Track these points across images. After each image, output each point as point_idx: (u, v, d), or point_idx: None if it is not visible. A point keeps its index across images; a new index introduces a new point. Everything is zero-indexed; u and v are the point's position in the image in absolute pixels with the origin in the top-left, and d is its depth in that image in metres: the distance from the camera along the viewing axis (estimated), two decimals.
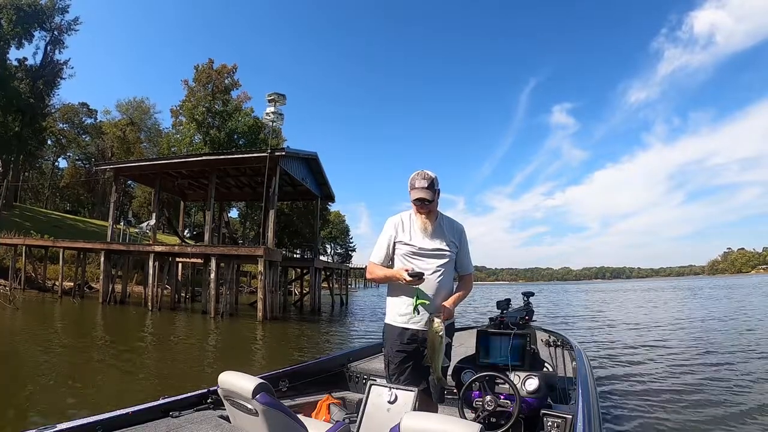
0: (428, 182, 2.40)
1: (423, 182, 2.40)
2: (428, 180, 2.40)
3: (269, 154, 16.98)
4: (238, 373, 1.95)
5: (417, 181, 2.41)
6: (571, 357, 3.97)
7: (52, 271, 23.45)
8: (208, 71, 34.80)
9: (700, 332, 12.49)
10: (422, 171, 2.44)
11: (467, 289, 2.64)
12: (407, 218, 2.56)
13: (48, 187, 56.80)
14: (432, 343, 2.31)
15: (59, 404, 5.23)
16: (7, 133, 32.12)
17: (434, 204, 2.48)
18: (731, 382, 6.59)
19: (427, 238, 2.49)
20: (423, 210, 2.46)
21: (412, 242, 2.50)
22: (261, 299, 15.44)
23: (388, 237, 2.55)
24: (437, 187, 2.46)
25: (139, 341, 10.88)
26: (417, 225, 2.51)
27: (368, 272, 2.61)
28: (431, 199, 2.43)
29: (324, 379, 3.56)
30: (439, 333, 2.28)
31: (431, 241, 2.50)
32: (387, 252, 2.55)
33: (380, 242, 2.57)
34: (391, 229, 2.55)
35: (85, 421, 1.99)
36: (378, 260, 2.56)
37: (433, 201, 2.45)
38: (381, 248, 2.56)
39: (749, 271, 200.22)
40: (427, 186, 2.39)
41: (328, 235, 67.66)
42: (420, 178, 2.41)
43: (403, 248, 2.52)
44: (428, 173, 2.43)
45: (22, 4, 32.25)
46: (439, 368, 2.35)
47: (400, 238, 2.53)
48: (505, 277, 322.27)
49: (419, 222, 2.50)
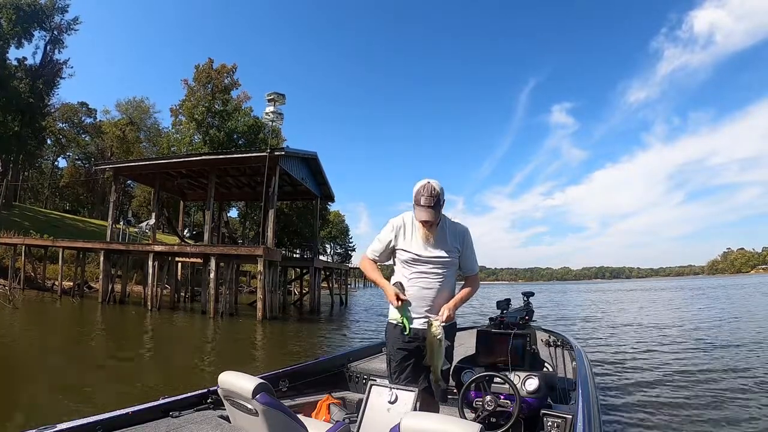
0: (434, 201, 2.31)
1: (429, 200, 2.31)
2: (434, 198, 2.31)
3: (269, 154, 16.99)
4: (238, 373, 1.95)
5: (423, 199, 2.32)
6: (571, 357, 3.97)
7: (52, 271, 23.45)
8: (207, 71, 34.79)
9: (703, 332, 12.47)
10: (429, 184, 2.35)
11: (471, 290, 2.60)
12: (410, 222, 2.52)
13: (47, 186, 56.76)
14: (431, 345, 2.31)
15: (59, 404, 5.23)
16: (7, 133, 32.07)
17: (438, 218, 2.44)
18: (732, 383, 6.58)
19: (428, 246, 2.48)
20: (426, 226, 2.44)
21: (412, 250, 2.48)
22: (260, 299, 15.45)
23: (388, 240, 2.53)
24: (443, 201, 2.39)
25: (138, 341, 10.88)
26: (419, 233, 2.49)
27: (361, 265, 2.62)
28: (435, 220, 2.40)
29: (324, 379, 3.56)
30: (437, 336, 2.28)
31: (432, 250, 2.48)
32: (385, 251, 2.55)
33: (380, 239, 2.55)
34: (392, 232, 2.53)
35: (85, 421, 1.99)
36: (374, 256, 2.57)
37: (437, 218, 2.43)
38: (380, 245, 2.55)
39: (749, 271, 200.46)
40: (432, 205, 2.31)
41: (328, 235, 67.65)
42: (426, 194, 2.32)
43: (404, 255, 2.51)
44: (435, 188, 2.34)
45: (22, 3, 32.21)
46: (438, 370, 2.34)
47: (401, 246, 2.51)
48: (505, 277, 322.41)
49: (421, 231, 2.48)
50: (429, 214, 2.33)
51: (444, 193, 2.41)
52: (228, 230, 35.20)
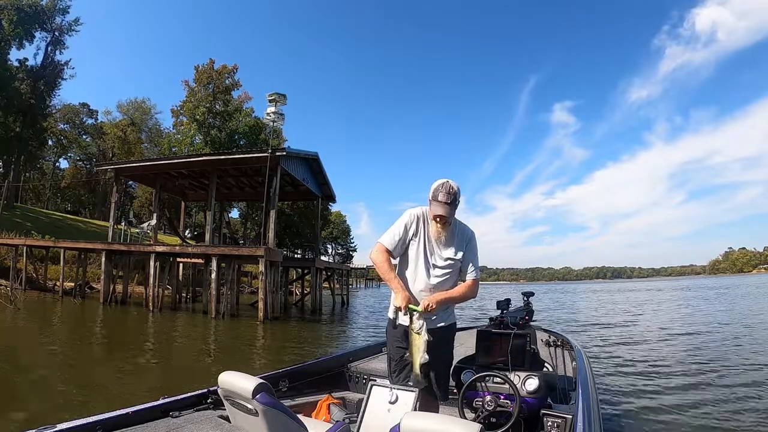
0: (451, 198, 2.37)
1: (446, 197, 2.36)
2: (451, 195, 2.37)
3: (270, 154, 16.98)
4: (238, 373, 1.95)
5: (441, 195, 2.37)
6: (571, 357, 3.97)
7: (53, 272, 23.51)
8: (208, 71, 34.84)
9: (706, 332, 12.37)
10: (447, 182, 2.40)
11: (465, 291, 2.52)
12: (422, 219, 2.55)
13: (49, 187, 56.89)
14: (411, 340, 2.29)
15: (59, 405, 5.23)
16: (8, 134, 32.20)
17: (452, 216, 2.49)
18: (734, 383, 6.55)
19: (437, 244, 2.51)
20: (440, 222, 2.46)
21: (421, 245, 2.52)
22: (262, 299, 15.44)
23: (408, 228, 2.51)
24: (458, 201, 2.44)
25: (139, 342, 10.88)
26: (431, 230, 2.52)
27: (373, 256, 2.49)
28: (449, 217, 2.44)
29: (324, 379, 3.56)
30: (415, 329, 2.25)
31: (440, 248, 2.52)
32: (400, 243, 2.50)
33: (395, 230, 2.51)
34: (408, 224, 2.52)
35: (85, 421, 2.00)
36: (389, 245, 2.48)
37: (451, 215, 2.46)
38: (395, 236, 2.49)
39: (750, 270, 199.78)
40: (449, 202, 2.37)
41: (329, 236, 67.74)
42: (444, 192, 2.36)
43: (412, 249, 2.54)
44: (453, 186, 2.39)
45: (23, 4, 32.31)
46: (417, 365, 2.28)
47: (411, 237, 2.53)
48: (506, 277, 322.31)
49: (433, 229, 2.50)
50: (445, 209, 2.37)
51: (460, 194, 2.45)
52: (229, 231, 35.27)
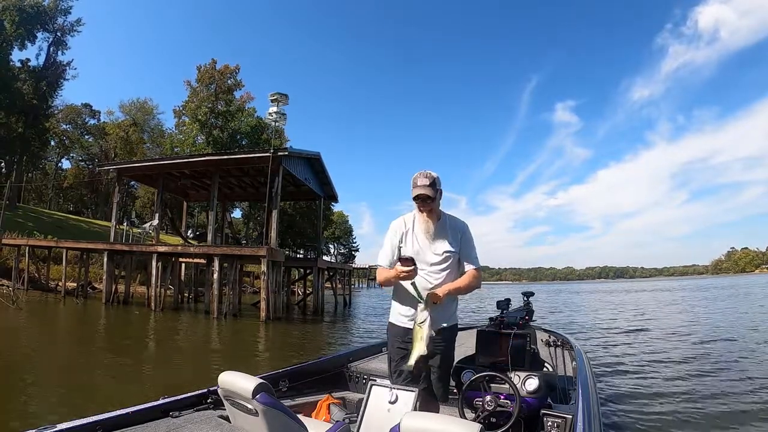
0: (429, 180, 2.44)
1: (425, 180, 2.44)
2: (430, 179, 2.45)
3: (272, 154, 17.00)
4: (238, 373, 1.95)
5: (419, 179, 2.45)
6: (571, 357, 3.97)
7: (56, 272, 23.55)
8: (210, 71, 34.90)
9: (708, 332, 12.33)
10: (425, 171, 2.48)
11: (470, 281, 2.51)
12: (410, 220, 2.59)
13: (51, 187, 57.13)
14: (414, 332, 2.32)
15: (60, 405, 5.25)
16: (11, 134, 32.33)
17: (436, 203, 2.51)
18: (735, 383, 6.53)
19: (429, 239, 2.52)
20: (424, 208, 2.48)
21: (414, 245, 2.53)
22: (264, 299, 15.45)
23: (392, 243, 2.58)
24: (439, 187, 2.50)
25: (141, 342, 10.92)
26: (419, 226, 2.53)
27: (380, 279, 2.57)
28: (432, 197, 2.45)
29: (324, 379, 3.57)
30: (418, 321, 2.29)
31: (433, 243, 2.52)
32: (392, 255, 2.56)
33: (386, 247, 2.59)
34: (394, 234, 2.59)
35: (85, 421, 2.00)
36: (386, 263, 2.55)
37: (434, 199, 2.47)
38: (386, 251, 2.58)
39: (753, 270, 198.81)
40: (428, 184, 2.43)
41: (332, 236, 67.75)
42: (422, 176, 2.45)
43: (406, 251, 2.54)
44: (430, 173, 2.48)
45: (25, 5, 32.42)
46: (413, 357, 2.28)
47: (403, 243, 2.56)
48: (508, 277, 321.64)
49: (421, 222, 2.52)
50: (425, 189, 2.43)
51: (440, 182, 2.51)
52: (231, 231, 35.35)
